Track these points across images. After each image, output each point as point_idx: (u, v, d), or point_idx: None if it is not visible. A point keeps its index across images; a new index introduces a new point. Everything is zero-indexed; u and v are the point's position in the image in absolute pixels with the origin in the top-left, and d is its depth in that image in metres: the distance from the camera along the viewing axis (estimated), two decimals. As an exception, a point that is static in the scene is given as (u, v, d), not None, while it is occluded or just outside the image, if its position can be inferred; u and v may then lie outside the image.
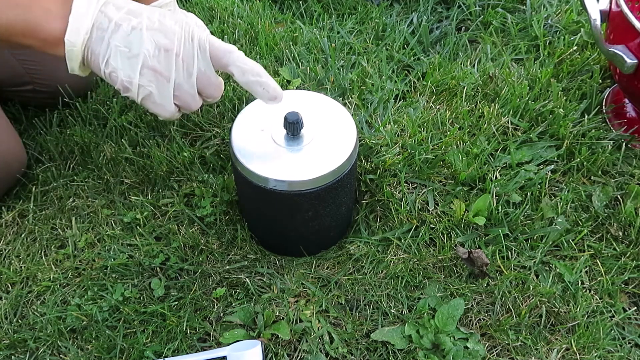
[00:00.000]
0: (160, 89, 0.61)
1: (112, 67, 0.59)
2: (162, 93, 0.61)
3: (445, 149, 0.89)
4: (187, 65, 0.61)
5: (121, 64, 0.59)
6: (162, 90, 0.61)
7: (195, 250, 0.82)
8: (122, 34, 0.59)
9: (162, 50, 0.59)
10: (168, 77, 0.60)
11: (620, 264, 0.80)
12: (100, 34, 0.59)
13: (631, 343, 0.75)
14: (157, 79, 0.60)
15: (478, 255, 0.78)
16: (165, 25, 0.60)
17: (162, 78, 0.60)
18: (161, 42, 0.59)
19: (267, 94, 0.64)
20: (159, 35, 0.60)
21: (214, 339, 0.75)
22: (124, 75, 0.60)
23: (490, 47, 1.08)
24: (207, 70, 0.62)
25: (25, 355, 0.74)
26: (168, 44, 0.60)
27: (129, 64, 0.59)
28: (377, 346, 0.74)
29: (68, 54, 0.59)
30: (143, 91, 0.60)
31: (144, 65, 0.59)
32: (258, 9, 1.17)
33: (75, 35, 0.58)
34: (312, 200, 0.71)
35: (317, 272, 0.81)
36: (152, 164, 0.89)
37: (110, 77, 0.60)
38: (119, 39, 0.59)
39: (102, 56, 0.59)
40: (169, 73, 0.60)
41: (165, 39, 0.60)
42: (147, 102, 0.62)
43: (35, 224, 0.86)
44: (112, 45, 0.59)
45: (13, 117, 0.99)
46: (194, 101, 0.63)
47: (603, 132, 0.93)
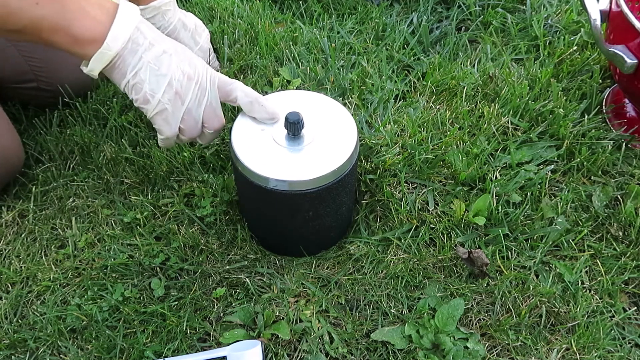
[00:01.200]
0: (174, 109, 0.69)
1: (139, 78, 0.67)
2: (174, 113, 0.69)
3: (445, 149, 0.89)
4: (200, 95, 0.70)
5: (149, 79, 0.67)
6: (175, 110, 0.69)
7: (195, 250, 0.82)
8: (154, 53, 0.66)
9: (186, 76, 0.68)
10: (184, 101, 0.69)
11: (620, 264, 0.80)
12: (134, 47, 0.66)
13: (631, 343, 0.75)
14: (175, 100, 0.68)
15: (478, 255, 0.78)
16: (189, 57, 0.69)
17: (179, 100, 0.68)
18: (186, 70, 0.68)
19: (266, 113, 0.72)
20: (185, 64, 0.68)
21: (214, 339, 0.75)
22: (149, 89, 0.67)
23: (490, 47, 1.08)
24: (214, 103, 0.71)
25: (25, 355, 0.74)
26: (192, 73, 0.69)
27: (156, 81, 0.67)
28: (377, 346, 0.74)
29: (99, 56, 0.65)
30: (160, 107, 0.68)
31: (169, 85, 0.67)
32: (258, 9, 1.17)
33: (114, 42, 0.64)
34: (313, 200, 0.71)
35: (317, 272, 0.81)
36: (152, 164, 0.89)
37: (134, 87, 0.67)
38: (152, 56, 0.66)
39: (132, 67, 0.66)
40: (185, 97, 0.69)
41: (190, 69, 0.69)
42: (158, 118, 0.69)
43: (35, 224, 0.86)
44: (144, 60, 0.66)
45: (13, 117, 0.99)
46: (196, 128, 0.72)
47: (603, 132, 0.93)
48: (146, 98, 0.67)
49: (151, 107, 0.68)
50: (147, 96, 0.67)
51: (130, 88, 0.67)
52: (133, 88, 0.67)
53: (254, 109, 0.72)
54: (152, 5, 0.92)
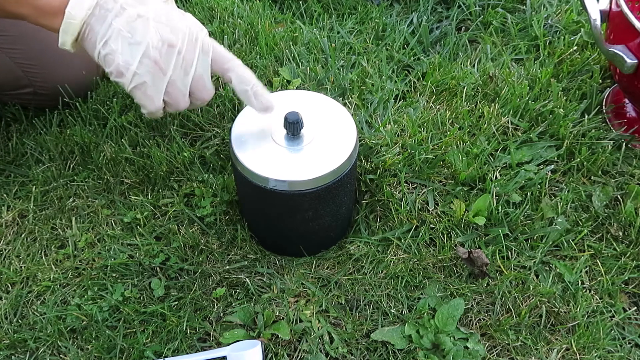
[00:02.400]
0: (154, 81, 0.61)
1: (110, 49, 0.59)
2: (155, 86, 0.61)
3: (445, 149, 0.89)
4: (186, 65, 0.61)
5: (121, 48, 0.59)
6: (156, 82, 0.61)
7: (195, 250, 0.82)
8: (126, 18, 0.59)
9: (165, 44, 0.60)
10: (165, 71, 0.60)
11: (620, 264, 0.80)
12: (103, 13, 0.58)
13: (631, 343, 0.75)
14: (154, 70, 0.60)
15: (478, 255, 0.78)
16: (172, 20, 0.61)
17: (159, 71, 0.60)
18: (166, 36, 0.60)
19: (260, 104, 0.66)
20: (165, 29, 0.60)
21: (214, 339, 0.75)
22: (122, 60, 0.59)
23: (490, 47, 1.08)
24: (204, 73, 0.63)
25: (25, 355, 0.74)
26: (173, 39, 0.60)
27: (129, 50, 0.59)
28: (377, 346, 0.74)
29: (64, 26, 0.58)
30: (137, 79, 0.60)
31: (145, 55, 0.59)
32: (258, 9, 1.17)
33: (77, 9, 0.58)
34: (312, 200, 0.71)
35: (317, 272, 0.81)
36: (152, 164, 0.89)
37: (105, 59, 0.60)
38: (123, 22, 0.58)
39: (101, 36, 0.59)
40: (166, 67, 0.60)
41: (171, 34, 0.60)
42: (137, 92, 0.61)
43: (35, 224, 0.86)
44: (114, 27, 0.58)
45: (13, 117, 0.99)
46: (183, 100, 0.64)
47: (603, 132, 0.93)
48: (119, 70, 0.60)
49: (127, 81, 0.60)
50: (120, 68, 0.59)
51: (102, 59, 0.60)
52: (105, 59, 0.60)
53: (247, 98, 0.66)
54: None
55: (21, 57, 0.92)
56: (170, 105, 0.64)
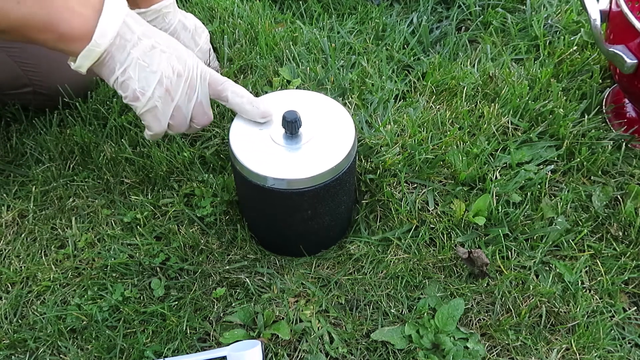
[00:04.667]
0: (164, 107, 0.67)
1: (128, 76, 0.65)
2: (164, 110, 0.68)
3: (445, 149, 0.89)
4: (190, 92, 0.69)
5: (138, 76, 0.65)
6: (165, 108, 0.68)
7: (195, 250, 0.82)
8: (143, 49, 0.65)
9: (175, 73, 0.67)
10: (174, 97, 0.68)
11: (620, 264, 0.80)
12: (122, 43, 0.64)
13: (631, 343, 0.75)
14: (165, 97, 0.67)
15: (478, 255, 0.78)
16: (178, 50, 0.68)
17: (169, 98, 0.67)
18: (176, 66, 0.67)
19: (257, 111, 0.72)
20: (175, 60, 0.67)
21: (214, 339, 0.75)
22: (139, 86, 0.66)
23: (490, 47, 1.08)
24: (203, 100, 0.71)
25: (25, 355, 0.74)
26: (181, 69, 0.67)
27: (145, 77, 0.65)
28: (377, 346, 0.74)
29: (87, 53, 0.63)
30: (150, 104, 0.67)
31: (159, 83, 0.66)
32: (258, 9, 1.17)
33: (102, 38, 0.63)
34: (311, 198, 0.71)
35: (317, 272, 0.81)
36: (152, 164, 0.89)
37: (122, 84, 0.66)
38: (140, 52, 0.65)
39: (121, 64, 0.65)
40: (175, 94, 0.67)
41: (179, 65, 0.67)
42: (147, 115, 0.68)
43: (35, 224, 0.86)
44: (132, 57, 0.65)
45: (13, 117, 0.99)
46: (185, 124, 0.71)
47: (603, 132, 0.93)
48: (136, 95, 0.66)
49: (141, 105, 0.67)
50: (136, 94, 0.66)
51: (119, 85, 0.66)
52: (122, 85, 0.66)
53: (245, 109, 0.72)
54: (152, 8, 0.92)
55: (21, 56, 0.92)
56: (173, 128, 0.71)
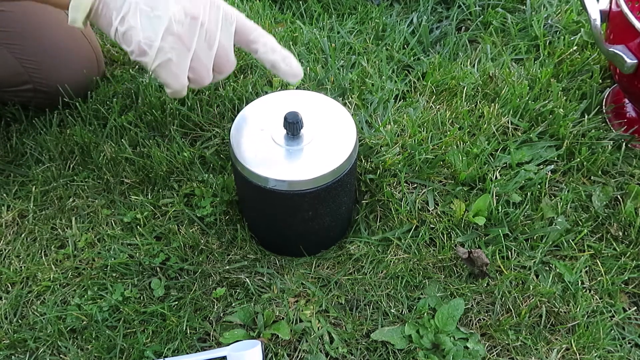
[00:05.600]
0: (179, 58, 0.56)
1: (128, 25, 0.55)
2: (180, 62, 0.57)
3: (445, 149, 0.89)
4: (209, 37, 0.57)
5: (141, 24, 0.55)
6: (181, 59, 0.57)
7: (195, 250, 0.82)
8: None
9: (188, 16, 0.56)
10: (189, 46, 0.56)
11: (620, 264, 0.80)
12: None
13: (631, 343, 0.75)
14: (179, 46, 0.56)
15: (478, 255, 0.78)
16: None
17: (184, 46, 0.56)
18: (188, 8, 0.56)
19: (290, 70, 0.63)
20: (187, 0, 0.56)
21: (214, 339, 0.75)
22: (144, 36, 0.55)
23: (490, 47, 1.08)
24: (227, 45, 0.59)
25: (25, 355, 0.74)
26: (196, 11, 0.56)
27: (150, 25, 0.55)
28: (377, 346, 0.74)
29: (74, 3, 0.55)
30: (161, 57, 0.56)
31: (168, 30, 0.55)
32: (258, 9, 1.17)
33: None
34: (312, 200, 0.71)
35: (317, 272, 0.81)
36: (152, 164, 0.89)
37: (124, 37, 0.56)
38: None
39: (118, 12, 0.55)
40: (190, 42, 0.56)
41: (193, 5, 0.56)
42: (161, 70, 0.57)
43: (35, 224, 0.86)
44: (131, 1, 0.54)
45: (13, 117, 0.99)
46: (207, 75, 0.60)
47: (603, 132, 0.93)
48: (142, 48, 0.55)
49: (150, 59, 0.56)
50: (142, 46, 0.55)
51: (121, 37, 0.56)
52: (124, 37, 0.55)
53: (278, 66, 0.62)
54: None
55: (22, 53, 0.91)
56: (195, 82, 0.60)
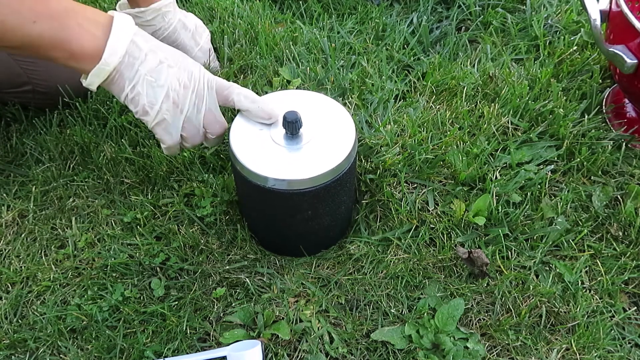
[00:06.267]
0: (173, 119, 0.70)
1: (137, 92, 0.68)
2: (174, 123, 0.70)
3: (445, 149, 0.89)
4: (198, 102, 0.71)
5: (146, 91, 0.68)
6: (175, 120, 0.70)
7: (195, 250, 0.82)
8: (150, 65, 0.68)
9: (182, 86, 0.69)
10: (182, 110, 0.70)
11: (620, 264, 0.80)
12: (131, 61, 0.67)
13: (631, 343, 0.75)
14: (174, 109, 0.69)
15: (478, 255, 0.78)
16: (183, 62, 0.70)
17: (178, 110, 0.70)
18: (182, 78, 0.69)
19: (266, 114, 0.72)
20: (181, 72, 0.69)
21: (214, 339, 0.75)
22: (147, 101, 0.68)
23: (490, 47, 1.08)
24: (213, 108, 0.73)
25: (25, 355, 0.74)
26: (187, 82, 0.70)
27: (153, 92, 0.68)
28: (377, 346, 0.74)
29: (96, 71, 0.66)
30: (159, 117, 0.69)
31: (167, 96, 0.68)
32: (258, 9, 1.17)
33: (112, 58, 0.65)
34: (311, 199, 0.71)
35: (317, 272, 0.81)
36: (152, 164, 0.89)
37: (132, 100, 0.69)
38: (147, 69, 0.67)
39: (130, 81, 0.67)
40: (183, 106, 0.70)
41: (186, 77, 0.70)
42: (158, 128, 0.71)
43: (35, 224, 0.86)
44: (140, 73, 0.67)
45: (13, 117, 0.99)
46: (197, 134, 0.73)
47: (603, 132, 0.93)
48: (145, 110, 0.69)
49: (150, 119, 0.69)
50: (145, 108, 0.69)
51: (130, 101, 0.69)
52: (132, 101, 0.69)
53: (251, 111, 0.73)
54: (152, 7, 0.92)
55: (21, 55, 0.91)
56: (187, 140, 0.73)
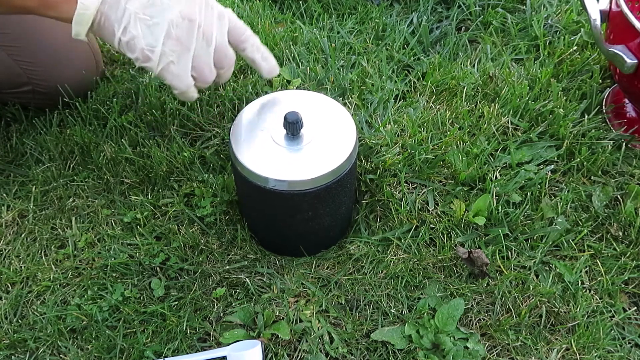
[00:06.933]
0: (180, 59, 0.60)
1: (131, 34, 0.58)
2: (182, 63, 0.61)
3: (445, 149, 0.89)
4: (207, 36, 0.61)
5: (142, 32, 0.58)
6: (183, 60, 0.60)
7: (195, 250, 0.82)
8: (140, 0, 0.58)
9: (185, 19, 0.59)
10: (189, 47, 0.60)
11: (620, 264, 0.80)
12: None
13: (631, 343, 0.75)
14: (179, 48, 0.59)
15: (478, 255, 0.78)
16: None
17: (184, 48, 0.60)
18: (185, 11, 0.59)
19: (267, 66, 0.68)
20: (182, 4, 0.59)
21: (214, 339, 0.75)
22: (146, 43, 0.58)
23: (490, 47, 1.08)
24: (222, 41, 0.63)
25: (25, 355, 0.74)
26: (191, 13, 0.59)
27: (150, 32, 0.58)
28: (377, 346, 0.74)
29: (77, 18, 0.57)
30: (164, 60, 0.60)
31: (168, 35, 0.59)
32: (258, 9, 1.17)
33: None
34: (312, 200, 0.71)
35: (317, 272, 0.81)
36: (152, 164, 0.89)
37: (128, 45, 0.59)
38: (137, 5, 0.58)
39: (119, 23, 0.58)
40: (189, 43, 0.60)
41: (189, 8, 0.59)
42: (165, 73, 0.61)
43: (35, 224, 0.86)
44: (130, 12, 0.57)
45: (13, 117, 0.99)
46: (210, 72, 0.63)
47: (603, 132, 0.93)
48: (145, 55, 0.59)
49: (154, 64, 0.60)
50: (145, 52, 0.59)
51: (125, 47, 0.60)
52: (127, 46, 0.59)
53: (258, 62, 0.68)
54: None
55: (20, 55, 0.91)
56: (199, 80, 0.64)
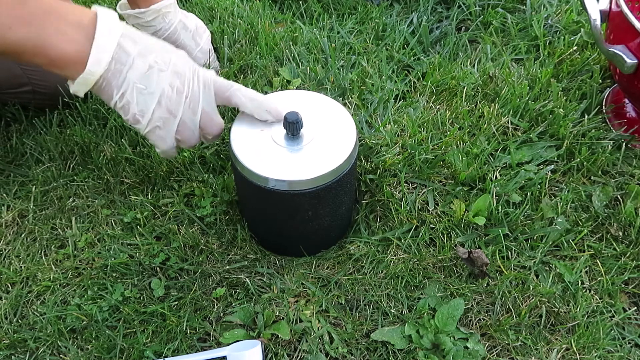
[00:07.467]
0: (166, 125, 0.66)
1: (126, 100, 0.64)
2: (167, 128, 0.67)
3: (445, 149, 0.89)
4: (193, 105, 0.67)
5: (136, 99, 0.64)
6: (168, 126, 0.66)
7: (195, 250, 0.82)
8: (139, 70, 0.63)
9: (175, 91, 0.65)
10: (175, 115, 0.66)
11: (620, 264, 0.80)
12: (118, 67, 0.63)
13: (631, 343, 0.75)
14: (166, 116, 0.66)
15: (478, 255, 0.78)
16: (176, 65, 0.66)
17: (171, 115, 0.66)
18: (175, 83, 0.65)
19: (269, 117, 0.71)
20: (173, 76, 0.65)
21: (214, 339, 0.75)
22: (138, 109, 0.64)
23: (490, 47, 1.08)
24: (209, 109, 0.69)
25: (25, 355, 0.74)
26: (180, 86, 0.65)
27: (143, 100, 0.64)
28: (377, 346, 0.74)
29: (81, 80, 0.62)
30: (151, 124, 0.66)
31: (159, 104, 0.65)
32: (258, 9, 1.17)
33: (96, 66, 0.61)
34: (312, 200, 0.71)
35: (317, 272, 0.81)
36: (152, 164, 0.89)
37: (122, 109, 0.65)
38: (137, 75, 0.63)
39: (118, 88, 0.63)
40: (177, 112, 0.66)
41: (178, 81, 0.65)
42: (151, 135, 0.67)
43: (35, 224, 0.86)
44: (129, 80, 0.63)
45: (13, 117, 0.99)
46: (193, 137, 0.69)
47: (603, 132, 0.93)
48: (136, 119, 0.65)
49: (142, 127, 0.66)
50: (136, 117, 0.65)
51: (119, 108, 0.65)
52: (122, 109, 0.65)
53: (255, 113, 0.71)
54: (152, 8, 0.92)
55: None
56: (183, 143, 0.70)
